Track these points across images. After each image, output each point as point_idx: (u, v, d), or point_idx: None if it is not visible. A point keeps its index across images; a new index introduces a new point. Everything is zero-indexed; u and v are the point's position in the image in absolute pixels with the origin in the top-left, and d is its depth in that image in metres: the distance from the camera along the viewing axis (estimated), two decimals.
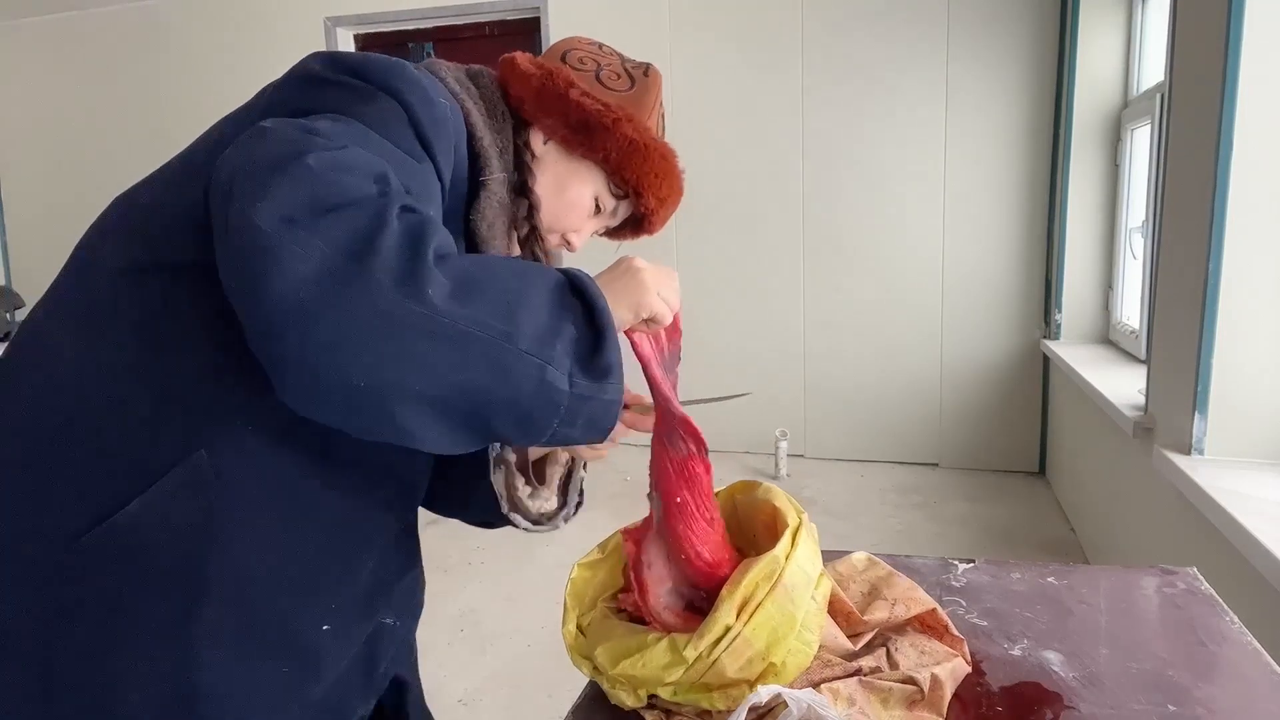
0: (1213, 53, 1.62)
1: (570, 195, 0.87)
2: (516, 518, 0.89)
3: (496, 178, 0.79)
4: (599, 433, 0.64)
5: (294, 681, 0.74)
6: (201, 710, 0.69)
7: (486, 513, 0.91)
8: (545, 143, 0.86)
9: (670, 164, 0.87)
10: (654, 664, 0.74)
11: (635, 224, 0.94)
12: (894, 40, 3.46)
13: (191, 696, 0.68)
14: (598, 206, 0.89)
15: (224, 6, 4.36)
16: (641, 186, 0.86)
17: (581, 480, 0.97)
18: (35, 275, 4.94)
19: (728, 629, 0.73)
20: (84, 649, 0.68)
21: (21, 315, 3.73)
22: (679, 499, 0.79)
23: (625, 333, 0.74)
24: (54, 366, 0.70)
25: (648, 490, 0.83)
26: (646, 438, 0.83)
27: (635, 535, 0.86)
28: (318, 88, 0.70)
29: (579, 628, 0.86)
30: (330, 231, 0.54)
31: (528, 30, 3.98)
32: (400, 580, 0.86)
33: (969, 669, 0.82)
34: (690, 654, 0.73)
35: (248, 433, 0.68)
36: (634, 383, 0.76)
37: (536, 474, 0.95)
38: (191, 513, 0.67)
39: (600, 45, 0.90)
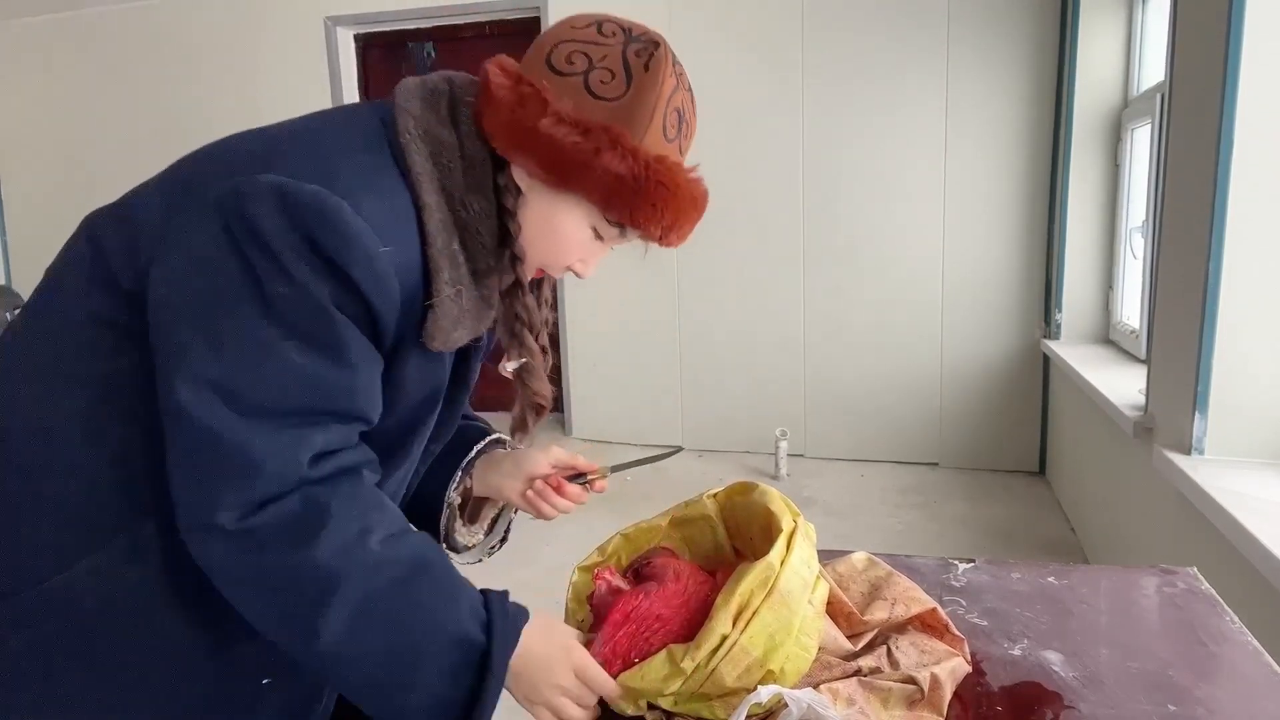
0: (1213, 52, 1.62)
1: (561, 232, 0.76)
2: (448, 552, 0.94)
3: (444, 295, 0.71)
4: None
5: None
6: None
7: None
8: (530, 175, 0.75)
9: (671, 186, 0.73)
10: (653, 676, 0.75)
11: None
12: (894, 40, 3.46)
13: None
14: (598, 234, 0.79)
15: (224, 6, 4.36)
16: (637, 220, 0.74)
17: (509, 521, 1.04)
18: (35, 275, 4.92)
19: (724, 638, 0.73)
20: (10, 703, 0.67)
21: None
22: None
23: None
24: (10, 415, 0.69)
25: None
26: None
27: (600, 576, 0.85)
28: (260, 259, 0.64)
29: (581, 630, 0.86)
30: (254, 573, 0.66)
31: (527, 30, 3.98)
32: None
33: (969, 669, 0.82)
34: (688, 665, 0.73)
35: None
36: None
37: (472, 513, 1.01)
38: (133, 579, 0.68)
39: (601, 25, 0.75)
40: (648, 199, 0.73)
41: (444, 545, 0.96)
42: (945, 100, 3.44)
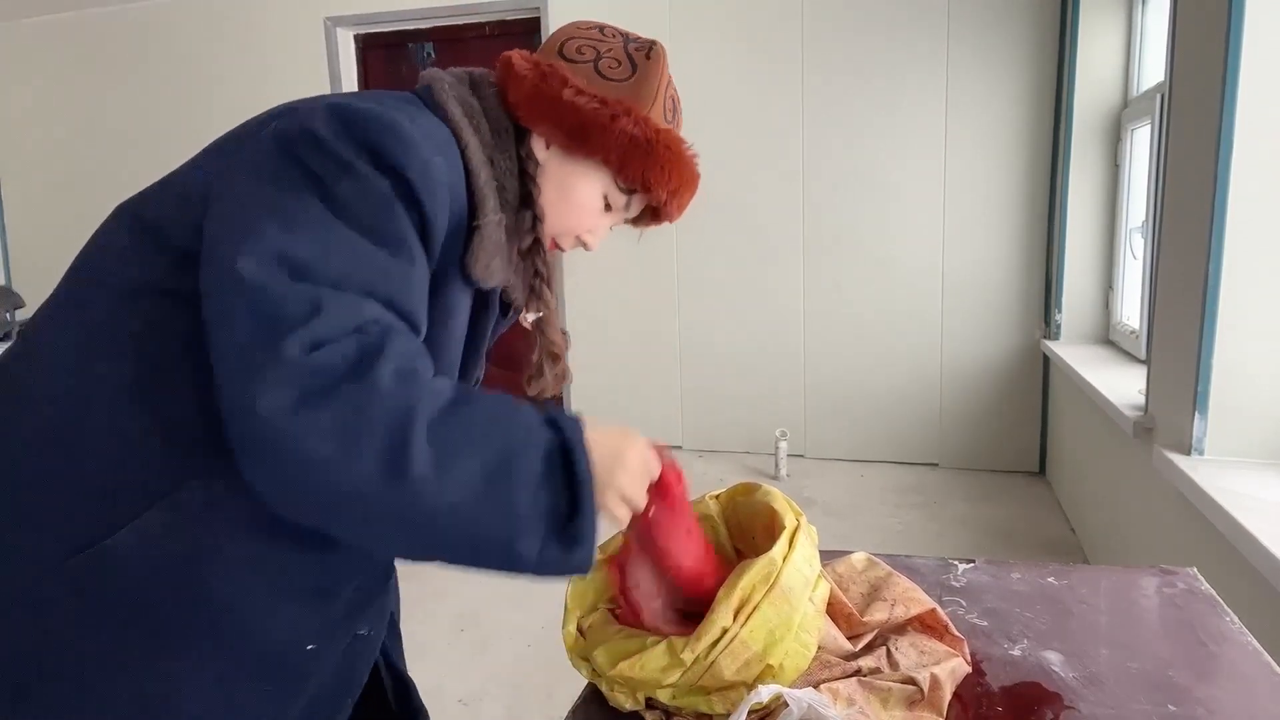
0: (1213, 52, 1.62)
1: (576, 198, 0.84)
2: None
3: (491, 220, 0.77)
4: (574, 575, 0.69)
5: (277, 699, 0.76)
6: None
7: None
8: (548, 147, 0.83)
9: (675, 153, 0.83)
10: (652, 666, 0.75)
11: (654, 212, 0.91)
12: (894, 40, 3.46)
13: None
14: (608, 204, 0.86)
15: (224, 6, 4.36)
16: (648, 181, 0.83)
17: None
18: (35, 275, 4.93)
19: (724, 631, 0.73)
20: (60, 673, 0.67)
21: (23, 315, 3.73)
22: (651, 512, 0.78)
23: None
24: (49, 382, 0.70)
25: None
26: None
27: (618, 560, 0.86)
28: (320, 161, 0.68)
29: (579, 629, 0.86)
30: (325, 417, 0.59)
31: (527, 30, 3.98)
32: (379, 594, 0.87)
33: (969, 669, 0.82)
34: (688, 657, 0.73)
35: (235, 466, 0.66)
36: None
37: None
38: (180, 543, 0.68)
39: (602, 29, 0.85)
40: (658, 161, 0.82)
41: None
42: (945, 100, 3.44)
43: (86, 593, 0.67)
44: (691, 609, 0.82)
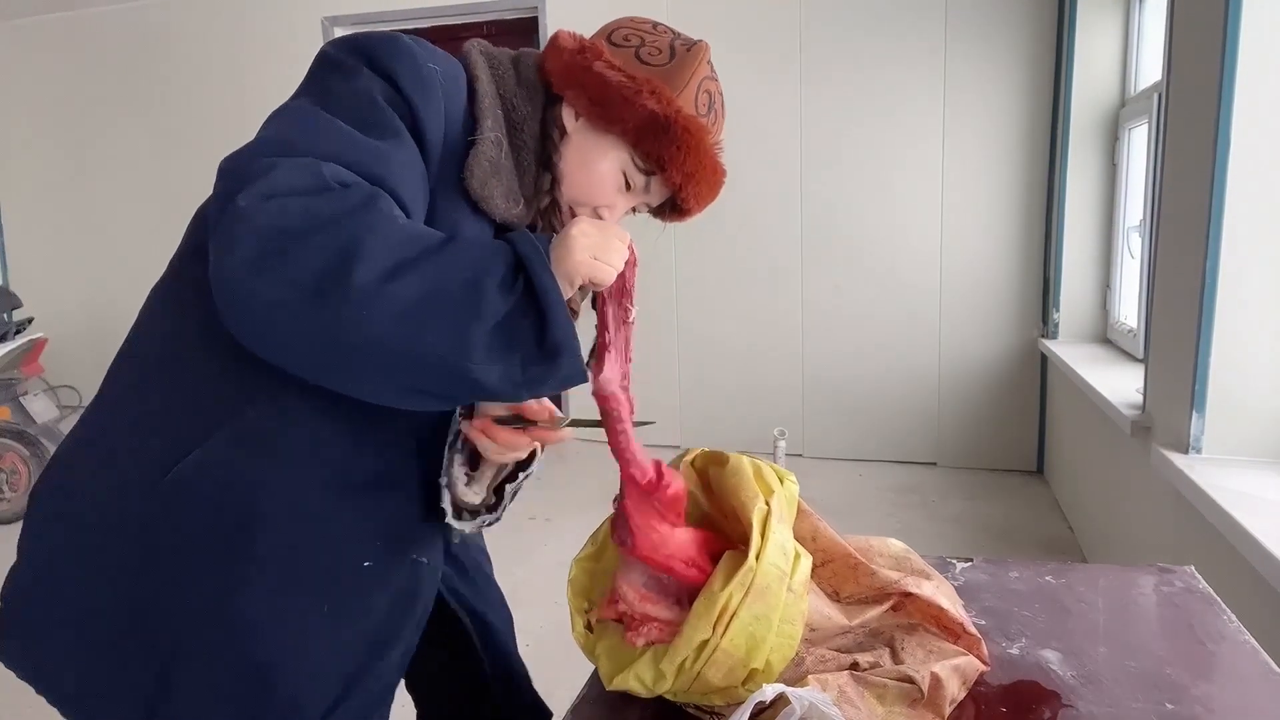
0: (1210, 52, 1.62)
1: (595, 169, 0.85)
2: (444, 493, 0.87)
3: (487, 138, 0.79)
4: (570, 386, 0.72)
5: (335, 615, 0.80)
6: (248, 644, 0.76)
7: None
8: (577, 119, 0.85)
9: (696, 138, 0.84)
10: (646, 678, 0.75)
11: (675, 205, 0.92)
12: (893, 39, 3.46)
13: (238, 631, 0.75)
14: (627, 182, 0.87)
15: (223, 6, 4.35)
16: (663, 160, 0.84)
17: (515, 490, 0.93)
18: (33, 275, 4.93)
19: (705, 643, 0.72)
20: (157, 590, 0.75)
21: (20, 316, 3.70)
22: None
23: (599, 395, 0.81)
24: (149, 333, 0.81)
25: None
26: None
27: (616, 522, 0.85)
28: (323, 72, 0.78)
29: (588, 625, 0.86)
30: (290, 269, 0.62)
31: (525, 30, 3.98)
32: (427, 521, 0.89)
33: (985, 667, 0.82)
34: (668, 668, 0.73)
35: (288, 392, 0.74)
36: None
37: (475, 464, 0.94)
38: (240, 462, 0.75)
39: (655, 25, 0.88)
40: (674, 141, 0.83)
41: (444, 487, 0.89)
42: (943, 100, 3.45)
43: (176, 511, 0.74)
44: (673, 590, 0.81)
